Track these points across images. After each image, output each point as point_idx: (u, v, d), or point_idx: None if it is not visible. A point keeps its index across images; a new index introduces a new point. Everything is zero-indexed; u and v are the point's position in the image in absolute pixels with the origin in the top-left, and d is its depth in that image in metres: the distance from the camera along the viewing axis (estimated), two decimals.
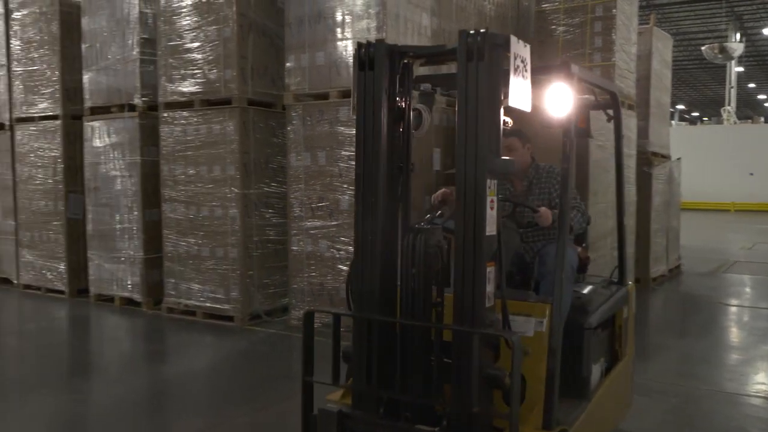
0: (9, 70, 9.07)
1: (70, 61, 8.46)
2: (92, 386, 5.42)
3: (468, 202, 2.59)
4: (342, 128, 6.46)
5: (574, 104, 2.94)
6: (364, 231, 2.83)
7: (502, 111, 2.61)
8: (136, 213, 7.83)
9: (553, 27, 8.32)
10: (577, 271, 3.65)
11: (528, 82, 2.59)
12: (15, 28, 8.93)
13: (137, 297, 7.87)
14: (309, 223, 6.70)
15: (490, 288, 2.58)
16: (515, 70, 2.51)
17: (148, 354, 6.49)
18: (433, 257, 2.67)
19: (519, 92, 2.54)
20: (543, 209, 3.43)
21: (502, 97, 2.56)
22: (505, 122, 2.66)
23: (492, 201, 2.59)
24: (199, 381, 5.40)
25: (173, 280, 7.48)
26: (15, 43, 8.95)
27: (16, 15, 8.89)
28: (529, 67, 2.60)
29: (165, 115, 7.46)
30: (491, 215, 2.59)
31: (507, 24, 8.37)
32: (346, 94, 6.29)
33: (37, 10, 8.67)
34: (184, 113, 7.30)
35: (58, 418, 4.62)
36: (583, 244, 3.83)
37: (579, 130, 3.35)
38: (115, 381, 5.43)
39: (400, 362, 2.72)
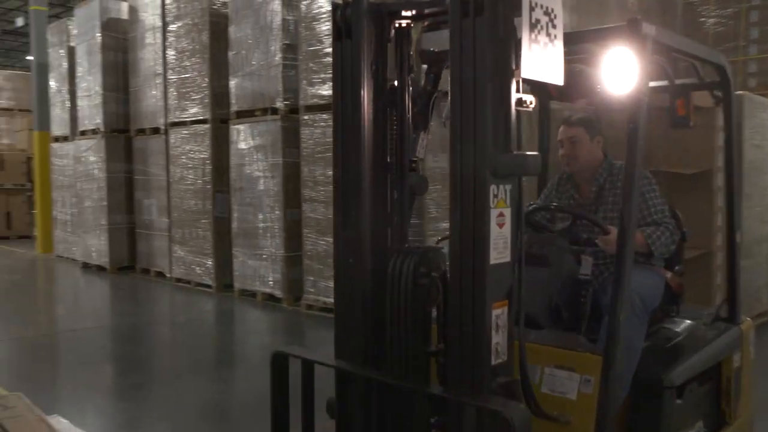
0: (165, 78, 9.74)
1: (218, 68, 8.93)
2: (235, 376, 5.70)
3: (465, 217, 1.85)
4: None
5: (642, 79, 2.16)
6: (344, 252, 2.15)
7: (514, 86, 1.87)
8: (277, 212, 8.15)
9: (702, 19, 7.87)
10: (668, 303, 2.88)
11: (557, 44, 1.87)
12: (170, 39, 9.56)
13: (278, 293, 8.18)
14: (445, 224, 6.69)
15: (498, 338, 1.86)
16: (532, 27, 1.79)
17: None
18: (427, 289, 2.00)
19: (538, 59, 1.82)
20: (613, 231, 2.54)
21: (514, 67, 1.84)
22: (523, 102, 1.91)
23: (501, 215, 1.85)
24: None
25: (312, 278, 7.72)
26: (170, 53, 9.58)
27: (172, 27, 9.53)
28: (559, 23, 1.87)
29: (305, 117, 7.71)
30: (501, 235, 1.85)
31: (651, 18, 7.98)
32: None
33: (190, 22, 9.24)
34: (324, 116, 7.51)
35: (204, 406, 4.87)
36: (676, 268, 2.99)
37: (677, 119, 2.75)
38: (256, 373, 5.65)
39: (388, 425, 2.12)
